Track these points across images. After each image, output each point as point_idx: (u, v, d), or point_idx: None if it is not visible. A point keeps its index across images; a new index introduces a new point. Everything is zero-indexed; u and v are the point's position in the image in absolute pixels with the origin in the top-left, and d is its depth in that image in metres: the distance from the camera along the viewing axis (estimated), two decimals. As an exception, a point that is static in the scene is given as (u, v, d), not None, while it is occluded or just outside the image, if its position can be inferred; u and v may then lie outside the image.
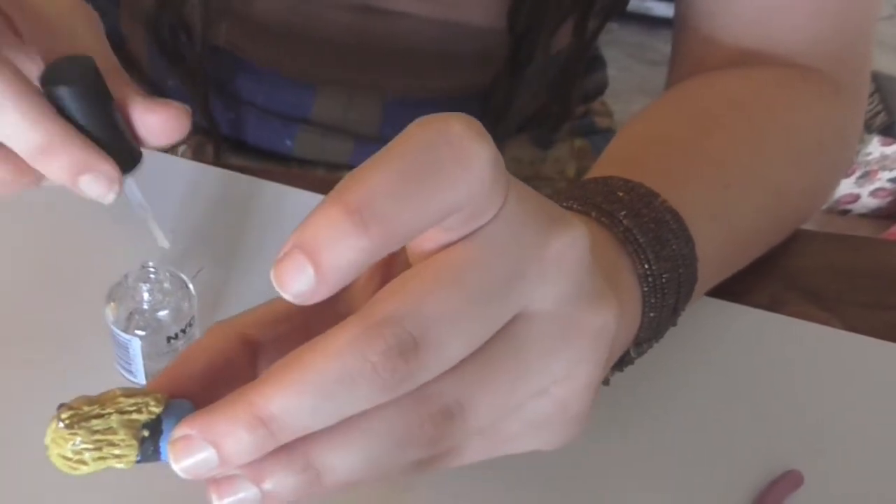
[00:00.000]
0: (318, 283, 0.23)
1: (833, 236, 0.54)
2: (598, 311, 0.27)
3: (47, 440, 0.26)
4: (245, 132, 0.63)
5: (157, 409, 0.26)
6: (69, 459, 0.26)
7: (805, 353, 0.47)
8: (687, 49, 0.55)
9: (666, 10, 2.05)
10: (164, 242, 0.39)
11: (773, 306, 0.49)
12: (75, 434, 0.25)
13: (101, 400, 0.26)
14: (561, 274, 0.26)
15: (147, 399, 0.26)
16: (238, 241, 0.49)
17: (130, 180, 0.35)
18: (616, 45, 2.05)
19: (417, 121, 0.24)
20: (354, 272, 0.23)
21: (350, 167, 0.63)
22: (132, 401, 0.26)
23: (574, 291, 0.27)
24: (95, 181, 0.33)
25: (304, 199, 0.51)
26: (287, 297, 0.23)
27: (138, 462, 0.26)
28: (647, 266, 0.37)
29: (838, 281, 0.51)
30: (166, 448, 0.25)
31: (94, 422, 0.25)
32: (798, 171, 0.49)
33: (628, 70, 2.01)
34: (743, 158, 0.45)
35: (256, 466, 0.24)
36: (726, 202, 0.44)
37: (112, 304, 0.41)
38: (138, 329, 0.41)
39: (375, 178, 0.23)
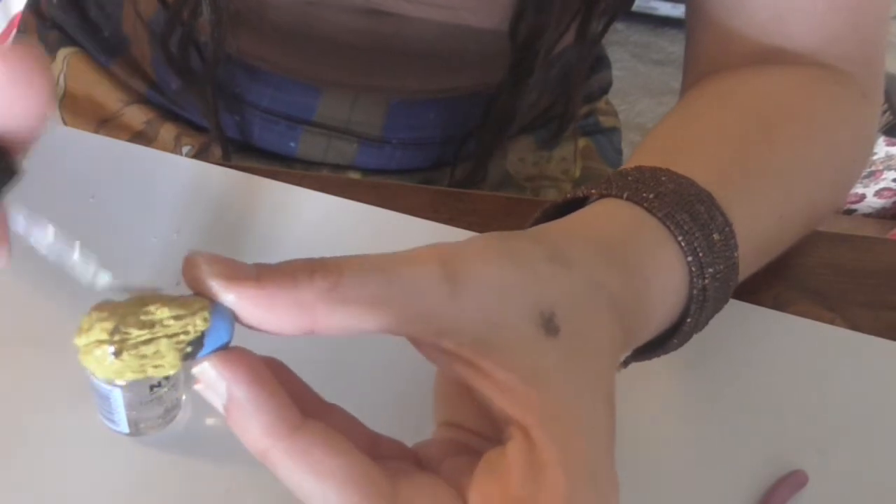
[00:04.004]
0: None
1: (838, 236, 0.53)
2: None
3: (87, 357, 0.25)
4: (250, 135, 0.63)
5: (203, 327, 0.26)
6: (104, 371, 0.26)
7: (809, 352, 0.47)
8: (703, 47, 0.54)
9: (671, 10, 2.05)
10: (100, 279, 0.27)
11: (778, 305, 0.49)
12: (123, 361, 0.25)
13: (148, 321, 0.26)
14: None
15: (194, 318, 0.26)
16: (243, 241, 0.49)
17: (17, 212, 0.26)
18: (621, 44, 2.05)
19: None
20: None
21: (355, 168, 0.64)
22: (181, 323, 0.26)
23: None
24: None
25: (309, 197, 0.51)
26: None
27: None
28: (693, 324, 0.37)
29: (843, 280, 0.51)
30: (203, 354, 0.26)
31: (144, 348, 0.25)
32: (834, 189, 0.49)
33: (633, 70, 2.01)
34: (798, 182, 0.45)
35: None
36: (775, 233, 0.44)
37: None
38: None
39: None
